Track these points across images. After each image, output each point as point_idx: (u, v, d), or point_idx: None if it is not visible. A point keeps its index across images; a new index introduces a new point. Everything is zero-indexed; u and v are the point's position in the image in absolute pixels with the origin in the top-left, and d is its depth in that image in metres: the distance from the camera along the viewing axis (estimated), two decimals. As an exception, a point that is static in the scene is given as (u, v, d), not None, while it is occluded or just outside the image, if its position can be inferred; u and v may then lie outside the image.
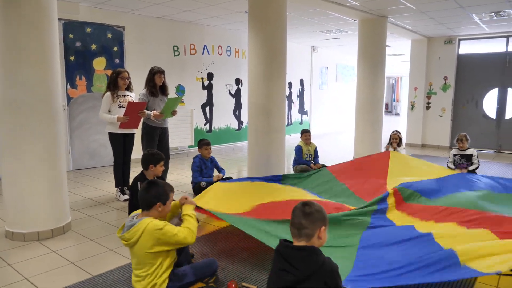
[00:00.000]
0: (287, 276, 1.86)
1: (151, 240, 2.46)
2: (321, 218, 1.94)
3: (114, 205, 4.87)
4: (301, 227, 1.90)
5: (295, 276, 1.84)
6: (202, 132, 8.91)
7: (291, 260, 1.87)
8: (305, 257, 1.85)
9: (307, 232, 1.90)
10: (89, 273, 3.01)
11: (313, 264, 1.84)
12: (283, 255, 1.90)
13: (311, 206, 1.94)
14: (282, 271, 1.88)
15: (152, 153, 3.81)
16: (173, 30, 8.10)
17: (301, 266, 1.84)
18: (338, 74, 13.89)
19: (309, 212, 1.91)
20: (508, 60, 9.22)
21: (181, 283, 2.62)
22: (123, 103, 4.96)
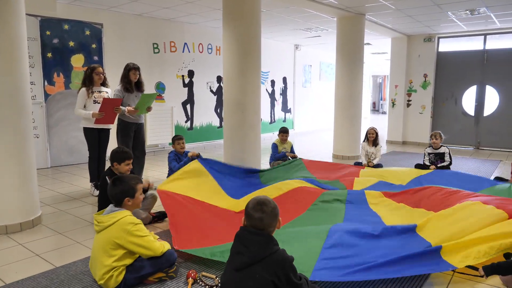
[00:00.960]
0: (241, 258, 1.96)
1: (120, 231, 2.56)
2: (278, 212, 2.08)
3: (87, 200, 4.88)
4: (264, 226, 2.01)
5: (248, 258, 1.94)
6: (183, 129, 8.93)
7: (247, 243, 1.98)
8: (260, 242, 1.97)
9: (270, 229, 2.04)
10: (52, 265, 3.03)
11: (266, 250, 1.96)
12: (241, 239, 2.01)
13: (268, 205, 2.04)
14: (238, 253, 1.99)
15: (117, 151, 3.80)
16: (153, 28, 8.11)
17: (255, 249, 1.95)
18: (321, 73, 13.99)
19: (269, 211, 2.02)
20: (486, 58, 9.39)
21: (139, 274, 2.66)
22: (98, 99, 4.98)
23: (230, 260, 2.03)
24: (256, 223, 2.00)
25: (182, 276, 2.83)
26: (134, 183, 2.78)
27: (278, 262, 1.95)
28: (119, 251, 2.58)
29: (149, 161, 7.46)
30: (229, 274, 2.01)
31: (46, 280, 2.77)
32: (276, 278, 1.93)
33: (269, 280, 1.91)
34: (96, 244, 2.66)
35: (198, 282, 2.74)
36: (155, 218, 4.04)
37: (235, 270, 1.97)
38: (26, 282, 2.76)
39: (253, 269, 1.92)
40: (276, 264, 1.94)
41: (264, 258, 1.94)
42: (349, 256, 2.75)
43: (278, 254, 1.97)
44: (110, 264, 2.57)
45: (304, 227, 3.40)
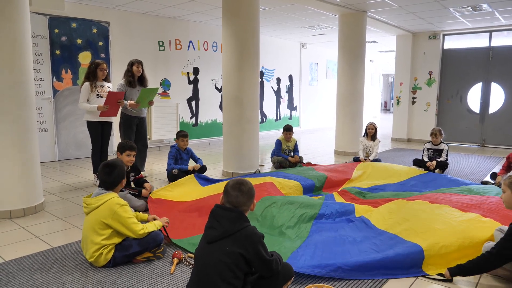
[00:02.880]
0: (213, 231, 2.09)
1: (107, 211, 2.75)
2: (254, 193, 2.22)
3: (90, 190, 5.08)
4: (240, 204, 2.13)
5: (220, 232, 2.06)
6: (188, 125, 9.13)
7: (219, 218, 2.10)
8: (232, 217, 2.09)
9: (244, 208, 2.15)
10: (50, 245, 3.23)
11: (237, 225, 2.07)
12: (214, 214, 2.14)
13: (245, 185, 2.17)
14: (210, 228, 2.12)
15: (121, 142, 4.18)
16: (158, 26, 8.32)
17: (226, 224, 2.07)
18: (328, 71, 14.04)
19: (245, 190, 2.15)
20: (491, 55, 9.34)
21: (127, 252, 2.83)
22: (101, 93, 5.19)
23: (204, 235, 2.16)
24: (232, 200, 2.13)
25: (168, 257, 2.99)
26: (124, 166, 3.01)
27: (246, 237, 2.06)
28: (107, 230, 2.77)
29: (154, 155, 7.68)
30: (202, 247, 2.13)
31: (42, 258, 2.97)
32: (244, 251, 2.03)
33: (237, 252, 2.02)
34: (86, 225, 2.84)
35: (183, 262, 2.89)
36: (150, 206, 4.21)
37: (207, 243, 2.09)
38: (23, 259, 2.95)
39: (224, 243, 2.03)
40: (245, 238, 2.05)
41: (235, 233, 2.05)
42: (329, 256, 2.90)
43: (248, 230, 2.08)
44: (100, 242, 2.75)
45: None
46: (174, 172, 5.28)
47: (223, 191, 2.21)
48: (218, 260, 2.02)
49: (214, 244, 2.07)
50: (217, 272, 2.00)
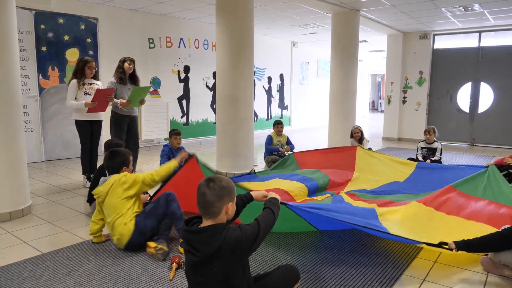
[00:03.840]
0: (192, 257, 1.85)
1: (119, 187, 3.03)
2: (228, 194, 1.86)
3: (79, 191, 4.91)
4: (207, 205, 1.83)
5: (198, 257, 1.81)
6: (179, 124, 8.96)
7: (192, 243, 1.83)
8: (203, 239, 1.80)
9: (214, 210, 1.83)
10: (39, 251, 3.07)
11: (213, 244, 1.79)
12: (185, 238, 1.88)
13: (216, 182, 1.85)
14: (187, 252, 1.88)
15: (107, 141, 4.11)
16: (148, 23, 8.13)
17: (202, 248, 1.80)
18: (319, 70, 14.02)
19: (215, 188, 1.83)
20: (481, 55, 9.42)
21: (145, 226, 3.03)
22: (89, 91, 5.01)
23: (186, 258, 1.93)
24: (199, 199, 1.85)
25: (166, 262, 2.87)
26: (128, 154, 3.31)
27: (230, 249, 1.81)
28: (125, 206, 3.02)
29: (144, 155, 7.49)
30: (189, 271, 1.92)
31: (31, 265, 2.80)
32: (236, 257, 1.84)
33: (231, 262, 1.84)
34: (106, 212, 3.07)
35: (182, 267, 2.77)
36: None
37: (190, 268, 1.88)
38: (11, 267, 2.79)
39: (208, 265, 1.82)
40: (230, 251, 1.81)
41: (214, 253, 1.79)
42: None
43: (227, 241, 1.79)
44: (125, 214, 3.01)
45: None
46: (167, 173, 5.12)
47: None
48: (212, 283, 1.85)
49: (199, 270, 1.85)
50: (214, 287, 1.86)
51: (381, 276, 2.69)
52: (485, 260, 2.83)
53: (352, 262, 2.90)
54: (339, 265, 2.85)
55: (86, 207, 4.21)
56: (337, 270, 2.78)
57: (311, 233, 3.49)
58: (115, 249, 3.09)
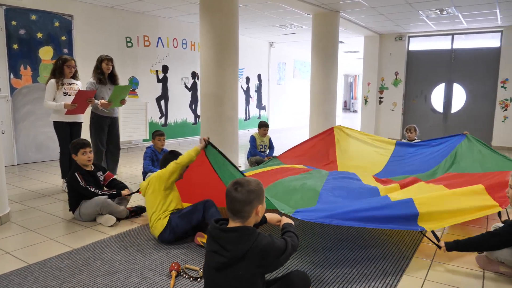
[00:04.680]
0: (219, 258, 1.80)
1: (157, 181, 3.23)
2: (257, 197, 1.86)
3: (59, 196, 4.67)
4: (237, 210, 1.83)
5: (226, 258, 1.78)
6: (157, 125, 8.75)
7: (221, 242, 1.81)
8: (236, 239, 1.79)
9: (243, 214, 1.84)
10: (25, 262, 2.87)
11: (244, 245, 1.78)
12: (213, 236, 1.84)
13: (244, 187, 1.83)
14: (214, 253, 1.83)
15: (72, 142, 3.91)
16: (126, 21, 7.89)
17: (231, 248, 1.78)
18: (295, 70, 14.10)
19: (243, 193, 1.82)
20: (453, 57, 9.74)
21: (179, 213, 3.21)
22: (69, 91, 4.78)
23: (208, 259, 1.89)
24: (229, 206, 1.85)
25: (164, 269, 2.75)
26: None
27: (260, 254, 1.80)
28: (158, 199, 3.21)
29: (123, 157, 7.22)
30: (209, 273, 1.88)
31: (19, 278, 2.62)
32: (263, 261, 1.82)
33: (254, 269, 1.82)
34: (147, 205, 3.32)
35: (181, 275, 2.66)
36: (132, 213, 3.91)
37: (215, 270, 1.84)
38: (-4, 280, 2.60)
39: (235, 269, 1.79)
40: (259, 254, 1.81)
41: (245, 255, 1.78)
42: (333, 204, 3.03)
43: (257, 246, 1.79)
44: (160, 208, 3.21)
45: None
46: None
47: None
48: (233, 285, 1.81)
49: (223, 271, 1.81)
50: None
51: (382, 277, 2.69)
52: (481, 257, 2.89)
53: (352, 263, 2.89)
54: (340, 266, 2.83)
55: (69, 213, 4.00)
56: (339, 271, 2.76)
57: (307, 234, 3.46)
58: (107, 257, 2.95)
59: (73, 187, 3.72)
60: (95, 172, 3.91)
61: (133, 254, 3.01)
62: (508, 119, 9.09)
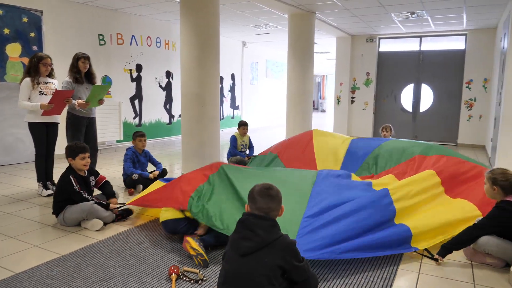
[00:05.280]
0: (248, 242, 1.92)
1: None
2: (281, 198, 2.08)
3: (35, 201, 4.45)
4: (269, 210, 2.00)
5: (256, 242, 1.91)
6: (131, 126, 8.53)
7: (253, 227, 1.94)
8: (268, 227, 1.96)
9: (274, 213, 2.03)
10: (11, 271, 2.71)
11: (273, 234, 1.94)
12: (247, 224, 1.97)
13: (273, 189, 2.05)
14: (243, 239, 1.94)
15: (70, 145, 3.70)
16: (98, 18, 7.63)
17: (262, 234, 1.92)
18: (268, 70, 14.16)
19: (274, 195, 2.03)
20: (421, 58, 10.12)
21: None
22: (45, 90, 4.57)
23: (234, 247, 1.97)
24: (261, 206, 2.00)
25: (162, 273, 2.68)
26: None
27: (284, 247, 1.95)
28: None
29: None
30: (234, 260, 1.95)
31: (7, 288, 2.48)
32: (283, 261, 1.92)
33: (277, 264, 1.91)
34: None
35: (181, 278, 2.61)
36: (118, 216, 3.79)
37: (241, 255, 1.92)
38: (-17, 291, 2.44)
39: (260, 254, 1.90)
40: (282, 250, 1.94)
41: (271, 243, 1.92)
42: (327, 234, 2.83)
43: (284, 239, 1.97)
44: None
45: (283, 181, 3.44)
46: (134, 177, 4.84)
47: (249, 198, 2.05)
48: (257, 273, 1.88)
49: (250, 256, 1.91)
50: (258, 286, 1.86)
51: (380, 272, 2.76)
52: (468, 250, 3.02)
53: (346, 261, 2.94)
54: (336, 263, 2.88)
55: (50, 219, 3.82)
56: (336, 268, 2.80)
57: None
58: (100, 262, 2.84)
59: (62, 190, 3.57)
60: (88, 178, 3.79)
61: (127, 258, 2.92)
62: (473, 118, 9.56)
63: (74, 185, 3.53)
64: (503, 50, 6.78)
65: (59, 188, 3.64)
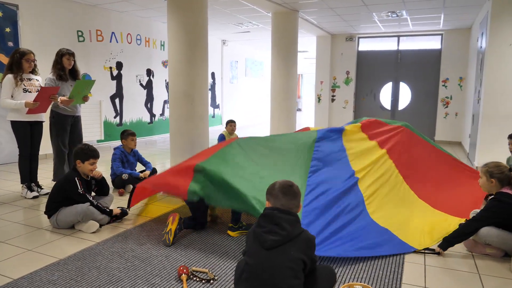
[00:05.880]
0: (274, 236, 1.93)
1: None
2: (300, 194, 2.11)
3: (20, 203, 4.23)
4: (292, 206, 2.03)
5: (282, 236, 1.92)
6: (112, 125, 8.30)
7: (280, 221, 1.95)
8: (292, 221, 1.98)
9: (295, 209, 2.06)
10: (8, 277, 2.56)
11: (297, 229, 1.98)
12: (271, 218, 1.98)
13: (294, 187, 2.07)
14: (269, 233, 1.94)
15: (82, 148, 3.53)
16: (77, 14, 7.36)
17: (288, 228, 1.94)
18: (247, 69, 14.13)
19: (297, 191, 2.06)
20: (400, 57, 10.37)
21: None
22: (29, 87, 4.36)
23: (259, 241, 1.96)
24: (284, 203, 2.01)
25: (171, 273, 2.61)
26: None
27: (306, 242, 1.99)
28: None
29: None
30: (259, 254, 1.94)
31: (8, 295, 2.33)
32: (305, 256, 1.96)
33: (300, 258, 1.93)
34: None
35: (191, 278, 2.54)
36: (113, 218, 3.66)
37: (266, 249, 1.92)
38: (-19, 299, 2.29)
39: (287, 247, 1.92)
40: (305, 244, 1.97)
41: (295, 237, 1.95)
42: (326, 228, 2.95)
43: (306, 234, 2.01)
44: None
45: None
46: (124, 177, 4.70)
47: (269, 195, 2.06)
48: (284, 266, 1.89)
49: (276, 250, 1.92)
50: (283, 279, 1.88)
51: (386, 265, 2.79)
52: (468, 241, 3.11)
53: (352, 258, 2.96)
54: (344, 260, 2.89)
55: (39, 221, 3.65)
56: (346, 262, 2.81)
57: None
58: (103, 265, 2.72)
59: (63, 190, 3.42)
60: (90, 181, 3.67)
61: (130, 260, 2.82)
62: (449, 115, 9.88)
63: (79, 187, 3.39)
64: (480, 50, 7.04)
65: (59, 188, 3.47)
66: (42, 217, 3.77)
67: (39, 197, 4.44)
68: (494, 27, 5.99)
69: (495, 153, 5.41)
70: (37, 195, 4.43)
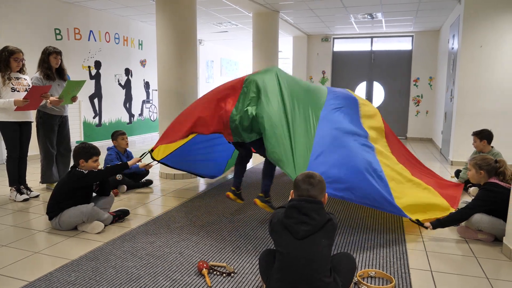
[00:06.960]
0: (305, 226, 2.01)
1: None
2: (325, 187, 2.16)
3: (10, 207, 4.10)
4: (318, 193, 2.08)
5: (313, 226, 2.01)
6: (91, 126, 8.10)
7: (307, 212, 2.03)
8: (320, 210, 2.06)
9: (320, 197, 2.12)
10: (23, 280, 2.50)
11: (324, 217, 2.06)
12: (301, 209, 2.04)
13: (315, 178, 2.11)
14: (300, 223, 2.02)
15: (83, 146, 3.47)
16: (54, 11, 7.13)
17: (316, 217, 2.03)
18: (222, 69, 14.15)
19: (316, 183, 2.09)
20: (373, 58, 10.75)
21: None
22: (17, 86, 4.22)
23: (291, 231, 2.03)
24: (303, 193, 2.09)
25: (189, 270, 2.64)
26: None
27: (333, 229, 2.09)
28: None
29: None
30: (292, 244, 2.03)
31: (29, 297, 2.29)
32: (332, 241, 2.10)
33: (329, 244, 2.07)
34: None
35: (212, 272, 2.59)
36: (115, 218, 3.62)
37: (299, 239, 2.01)
38: (1, 302, 2.23)
39: (318, 236, 2.02)
40: (332, 231, 2.08)
41: (324, 225, 2.04)
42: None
43: (333, 221, 2.09)
44: None
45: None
46: (118, 178, 4.64)
47: (294, 186, 2.16)
48: (318, 254, 2.00)
49: (308, 239, 2.01)
50: (319, 267, 1.98)
51: (391, 251, 2.95)
52: (461, 228, 3.35)
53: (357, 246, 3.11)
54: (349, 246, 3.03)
55: (37, 224, 3.56)
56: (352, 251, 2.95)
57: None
58: (118, 264, 2.71)
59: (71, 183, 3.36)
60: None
61: (145, 258, 2.82)
62: (420, 113, 10.36)
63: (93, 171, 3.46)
64: (452, 50, 7.45)
65: (65, 185, 3.37)
66: (39, 219, 3.69)
67: (29, 200, 4.31)
68: (466, 29, 6.36)
69: (468, 149, 5.66)
70: (27, 197, 4.30)
